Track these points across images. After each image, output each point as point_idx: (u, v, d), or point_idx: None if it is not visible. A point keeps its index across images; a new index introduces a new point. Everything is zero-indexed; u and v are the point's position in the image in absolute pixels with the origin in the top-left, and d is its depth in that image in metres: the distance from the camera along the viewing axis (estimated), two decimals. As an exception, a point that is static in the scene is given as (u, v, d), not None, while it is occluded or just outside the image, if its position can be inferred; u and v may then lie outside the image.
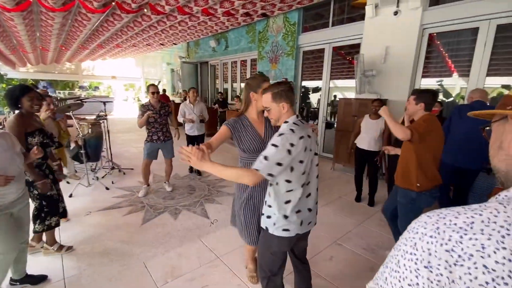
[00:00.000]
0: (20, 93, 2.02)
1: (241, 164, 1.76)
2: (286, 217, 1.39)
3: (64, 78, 16.12)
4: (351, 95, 5.88)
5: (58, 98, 10.27)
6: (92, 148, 4.03)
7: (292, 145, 1.27)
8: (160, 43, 8.39)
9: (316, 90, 7.05)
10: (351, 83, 6.25)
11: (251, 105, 1.70)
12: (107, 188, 3.84)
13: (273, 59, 6.92)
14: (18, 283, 1.96)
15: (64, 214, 2.54)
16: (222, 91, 9.31)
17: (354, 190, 3.83)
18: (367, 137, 3.47)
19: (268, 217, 1.44)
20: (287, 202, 1.38)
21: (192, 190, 3.94)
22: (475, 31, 3.85)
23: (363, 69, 4.65)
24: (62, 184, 3.77)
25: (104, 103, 4.57)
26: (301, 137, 1.30)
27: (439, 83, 4.56)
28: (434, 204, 2.06)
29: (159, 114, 3.52)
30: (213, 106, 8.62)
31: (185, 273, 2.17)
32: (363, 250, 2.58)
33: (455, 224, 0.46)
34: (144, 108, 3.49)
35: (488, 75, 3.82)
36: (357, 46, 5.30)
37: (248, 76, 8.40)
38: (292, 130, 1.31)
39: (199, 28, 6.37)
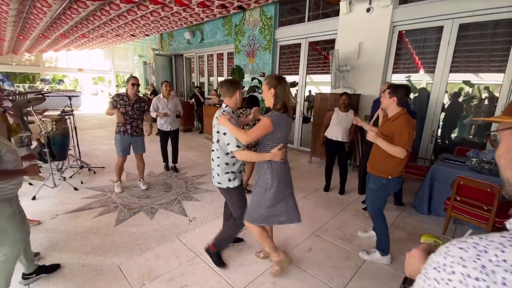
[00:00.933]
0: None
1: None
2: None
3: (23, 70, 14.80)
4: (327, 89, 6.02)
5: (17, 92, 9.40)
6: (57, 146, 3.75)
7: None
8: (131, 34, 7.96)
9: (293, 85, 7.12)
10: (326, 78, 6.39)
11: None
12: (75, 189, 3.60)
13: (250, 53, 6.85)
14: (34, 275, 1.98)
15: None
16: (199, 85, 9.07)
17: (330, 182, 3.96)
18: (340, 129, 3.60)
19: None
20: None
21: (169, 188, 3.82)
22: (440, 29, 4.08)
23: (338, 65, 4.76)
24: (25, 186, 3.48)
25: (70, 97, 4.26)
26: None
27: (407, 78, 4.80)
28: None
29: (131, 107, 3.38)
30: (189, 101, 8.38)
31: (163, 274, 2.11)
32: (340, 240, 2.68)
33: (504, 260, 0.37)
34: (117, 97, 3.36)
35: (451, 71, 4.09)
36: (332, 41, 5.41)
37: (225, 69, 8.26)
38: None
39: (173, 19, 6.12)
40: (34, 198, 3.24)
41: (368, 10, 4.50)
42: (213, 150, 2.03)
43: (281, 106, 1.84)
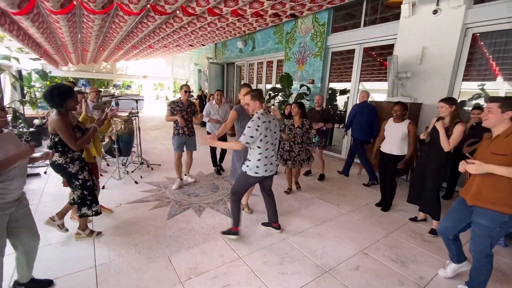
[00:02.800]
0: (68, 95, 2.12)
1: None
2: (257, 167, 2.50)
3: (100, 77, 17.18)
4: (382, 97, 5.63)
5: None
6: (124, 144, 4.25)
7: (257, 127, 2.40)
8: (190, 44, 8.63)
9: (343, 92, 6.85)
10: (381, 85, 6.00)
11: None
12: (136, 182, 4.01)
13: (300, 60, 6.83)
14: (23, 287, 1.87)
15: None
16: None
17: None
18: (391, 141, 3.33)
19: (247, 165, 2.56)
20: (258, 160, 2.50)
21: (216, 189, 3.99)
22: (527, 30, 3.50)
23: (397, 71, 4.42)
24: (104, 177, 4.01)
25: (136, 101, 4.80)
26: (264, 122, 2.42)
27: (480, 87, 4.22)
28: None
29: (186, 111, 3.81)
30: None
31: (208, 271, 2.19)
32: (392, 261, 2.44)
33: None
34: (173, 104, 3.80)
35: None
36: (390, 47, 5.07)
37: (274, 76, 8.37)
38: (258, 117, 2.45)
39: (228, 29, 6.47)
40: (103, 187, 3.71)
41: (435, 12, 4.11)
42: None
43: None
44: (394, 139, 3.30)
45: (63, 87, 2.14)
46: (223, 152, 4.84)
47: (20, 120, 5.36)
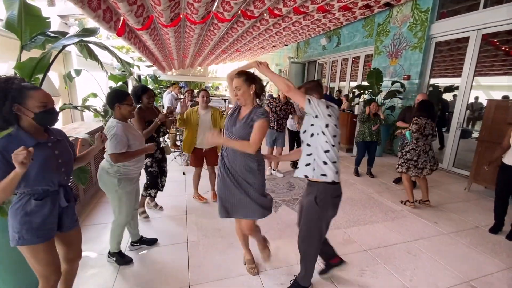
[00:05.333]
0: (141, 92, 2.66)
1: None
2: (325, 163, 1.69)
3: (195, 80, 19.69)
4: (504, 96, 4.45)
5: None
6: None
7: (318, 103, 1.65)
8: (273, 45, 8.90)
9: (449, 89, 5.73)
10: (502, 80, 4.76)
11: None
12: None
13: (393, 54, 6.08)
14: (138, 244, 2.41)
15: (161, 188, 3.02)
16: (341, 90, 8.76)
17: (499, 220, 2.90)
18: None
19: (307, 164, 1.75)
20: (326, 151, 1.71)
21: (291, 187, 4.00)
22: None
23: (534, 61, 3.40)
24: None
25: (225, 100, 5.28)
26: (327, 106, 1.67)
27: None
28: None
29: (280, 108, 4.16)
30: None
31: (283, 266, 2.22)
32: (514, 304, 1.91)
33: None
34: (271, 99, 4.28)
35: None
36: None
37: (360, 72, 7.75)
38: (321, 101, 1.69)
39: (312, 27, 6.34)
40: (183, 173, 4.29)
41: None
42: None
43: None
44: None
45: (140, 86, 2.72)
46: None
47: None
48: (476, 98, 5.13)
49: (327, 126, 1.63)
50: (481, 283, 2.11)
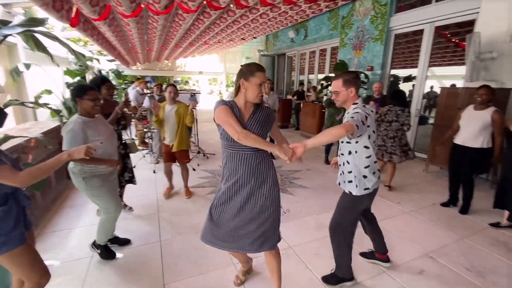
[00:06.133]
0: (101, 82, 2.50)
1: (225, 154, 1.67)
2: (365, 177, 1.71)
3: (163, 74, 18.86)
4: (455, 84, 4.88)
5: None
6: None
7: (367, 116, 1.56)
8: (242, 38, 8.80)
9: (407, 79, 6.14)
10: (454, 70, 5.19)
11: (240, 92, 1.51)
12: (193, 169, 4.32)
13: (357, 46, 6.34)
14: (108, 243, 2.28)
15: (131, 181, 2.94)
16: (303, 83, 9.10)
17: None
18: (469, 131, 2.87)
19: (349, 181, 1.74)
20: (367, 166, 1.70)
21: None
22: None
23: (478, 52, 3.76)
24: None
25: (194, 94, 5.14)
26: (368, 114, 1.59)
27: None
28: None
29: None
30: (291, 98, 8.67)
31: (258, 256, 2.24)
32: (466, 270, 2.13)
33: None
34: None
35: None
36: (469, 24, 4.32)
37: (327, 65, 7.99)
38: (364, 106, 1.64)
39: (279, 19, 6.36)
40: (154, 171, 4.10)
41: (536, -26, 3.33)
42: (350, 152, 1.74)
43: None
44: (472, 129, 2.84)
45: (99, 77, 2.58)
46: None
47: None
48: (431, 87, 5.57)
49: (369, 137, 1.64)
50: (438, 253, 2.33)
